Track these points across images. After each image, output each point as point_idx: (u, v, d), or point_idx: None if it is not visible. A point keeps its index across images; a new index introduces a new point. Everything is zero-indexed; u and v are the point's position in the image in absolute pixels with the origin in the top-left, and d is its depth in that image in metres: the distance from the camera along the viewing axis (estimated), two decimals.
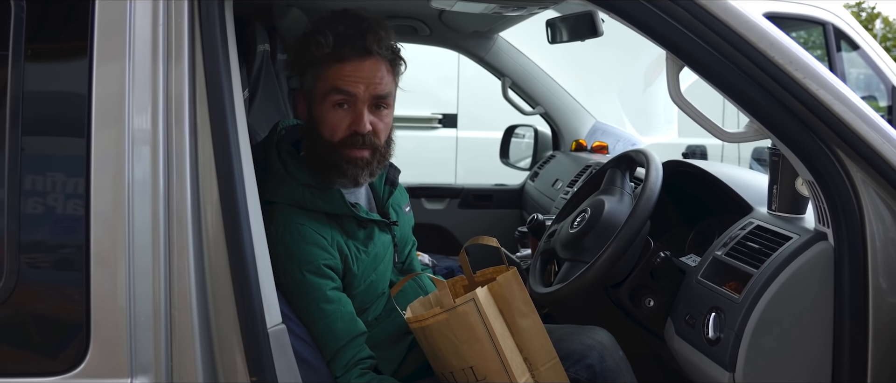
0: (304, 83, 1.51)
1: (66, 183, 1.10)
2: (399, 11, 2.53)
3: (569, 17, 2.34)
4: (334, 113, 1.45)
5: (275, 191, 1.46)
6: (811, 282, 1.25)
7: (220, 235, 1.12)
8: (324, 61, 1.45)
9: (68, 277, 1.12)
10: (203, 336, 1.12)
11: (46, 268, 1.13)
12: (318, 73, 1.47)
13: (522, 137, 3.37)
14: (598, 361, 1.56)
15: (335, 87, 1.44)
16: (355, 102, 1.45)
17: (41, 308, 1.14)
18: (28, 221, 1.10)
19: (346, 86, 1.44)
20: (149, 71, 1.10)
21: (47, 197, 1.10)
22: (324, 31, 1.45)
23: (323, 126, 1.47)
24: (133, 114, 1.09)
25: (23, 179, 1.09)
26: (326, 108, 1.46)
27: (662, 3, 1.16)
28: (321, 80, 1.46)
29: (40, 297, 1.14)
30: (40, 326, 1.14)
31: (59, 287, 1.14)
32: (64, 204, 1.10)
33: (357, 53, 1.44)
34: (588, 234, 1.61)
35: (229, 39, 1.16)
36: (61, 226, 1.11)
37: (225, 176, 1.12)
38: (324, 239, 1.45)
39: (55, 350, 1.13)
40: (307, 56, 1.47)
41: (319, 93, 1.47)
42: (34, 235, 1.11)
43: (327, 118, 1.46)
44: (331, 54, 1.44)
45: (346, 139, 1.46)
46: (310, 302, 1.43)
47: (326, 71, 1.46)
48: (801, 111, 1.18)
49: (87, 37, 1.09)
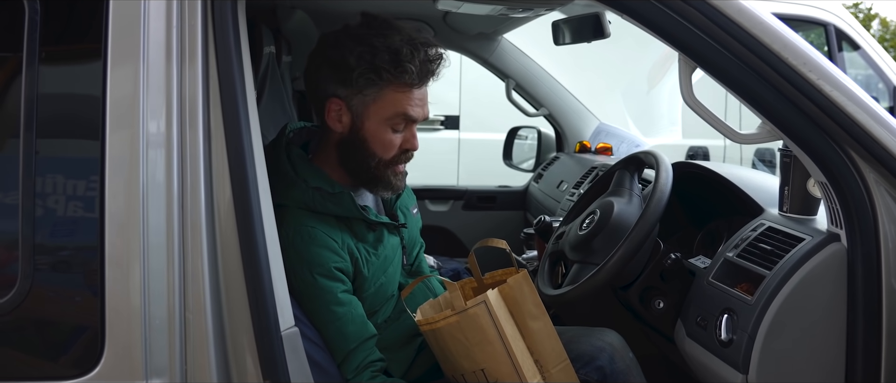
0: (353, 95, 1.45)
1: (81, 185, 1.10)
2: (404, 13, 2.53)
3: (574, 19, 2.34)
4: (393, 134, 1.48)
5: (285, 195, 1.45)
6: (825, 284, 1.25)
7: (233, 238, 1.12)
8: (391, 83, 1.43)
9: (83, 280, 1.12)
10: (217, 338, 1.12)
11: (61, 271, 1.13)
12: (382, 95, 1.44)
13: (526, 139, 3.37)
14: (608, 363, 1.56)
15: (405, 114, 1.46)
16: (412, 125, 1.50)
17: (56, 311, 1.14)
18: (42, 224, 1.09)
19: (415, 113, 1.47)
20: (163, 73, 1.10)
21: (61, 199, 1.10)
22: (412, 59, 1.42)
23: (375, 143, 1.47)
24: (147, 117, 1.09)
25: (37, 182, 1.09)
26: (384, 128, 1.46)
27: (675, 4, 1.16)
28: (385, 100, 1.44)
29: (55, 300, 1.14)
30: (55, 330, 1.14)
31: (73, 290, 1.14)
32: (78, 206, 1.10)
33: (425, 82, 1.48)
34: (597, 236, 1.61)
35: (242, 41, 1.16)
36: (76, 228, 1.12)
37: (238, 178, 1.12)
38: (334, 242, 1.44)
39: (70, 353, 1.13)
40: (378, 74, 1.42)
41: (379, 112, 1.45)
42: (48, 238, 1.11)
43: (384, 137, 1.47)
44: (411, 83, 1.44)
45: (397, 157, 1.50)
46: (321, 305, 1.42)
47: (394, 93, 1.44)
48: (814, 112, 1.18)
49: (101, 39, 1.09)
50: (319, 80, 1.48)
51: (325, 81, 1.47)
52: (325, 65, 1.47)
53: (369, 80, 1.42)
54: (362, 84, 1.43)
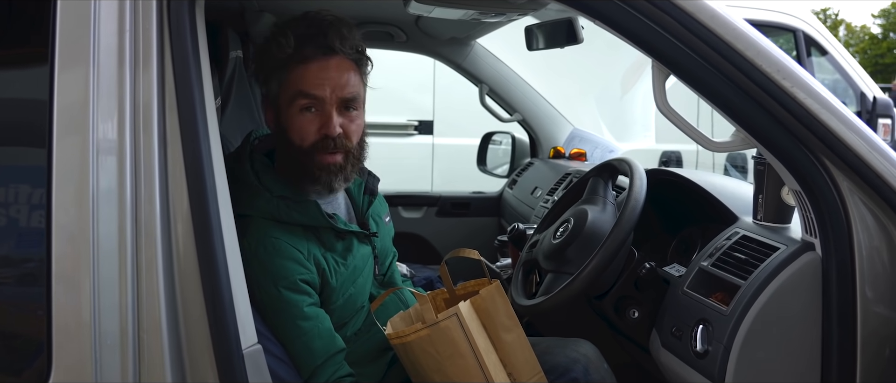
0: (269, 90, 1.45)
1: (27, 194, 1.04)
2: (375, 17, 2.49)
3: (547, 24, 2.32)
4: (302, 117, 1.40)
5: (248, 204, 1.40)
6: (799, 293, 1.23)
7: (191, 250, 1.07)
8: (287, 64, 1.40)
9: (29, 294, 1.06)
10: (174, 357, 1.06)
11: (6, 285, 1.07)
12: (283, 78, 1.41)
13: (500, 144, 3.35)
14: (582, 374, 1.54)
15: (301, 91, 1.39)
16: (323, 105, 1.40)
17: (1, 327, 1.08)
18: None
19: (312, 89, 1.39)
20: (115, 77, 1.05)
21: (7, 209, 1.04)
22: (285, 32, 1.39)
23: (292, 132, 1.42)
24: (98, 123, 1.04)
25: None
26: (293, 113, 1.41)
27: (648, 10, 1.14)
28: (286, 84, 1.41)
29: (0, 317, 1.07)
30: (0, 347, 1.07)
31: (19, 305, 1.09)
32: (24, 216, 1.04)
33: (321, 53, 1.39)
34: (571, 245, 1.58)
35: (201, 45, 1.11)
36: (21, 240, 1.06)
37: (196, 187, 1.07)
38: (300, 253, 1.40)
39: (16, 372, 1.07)
40: (270, 60, 1.42)
41: (285, 98, 1.41)
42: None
43: (295, 123, 1.41)
44: (293, 55, 1.39)
45: (316, 143, 1.41)
46: (286, 320, 1.37)
47: (290, 74, 1.40)
48: (788, 120, 1.17)
49: (48, 41, 1.03)
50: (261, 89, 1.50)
51: (261, 87, 1.49)
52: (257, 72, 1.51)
53: (271, 68, 1.43)
54: (267, 71, 1.44)
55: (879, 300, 1.22)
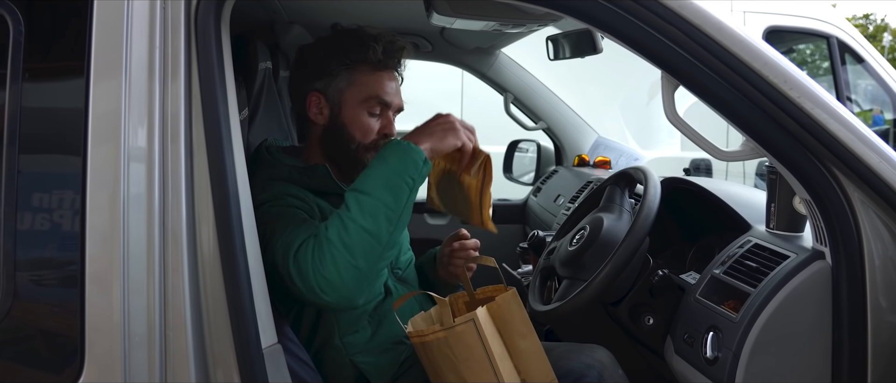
0: (328, 85, 1.57)
1: (63, 200, 1.11)
2: (402, 28, 2.54)
3: (569, 34, 2.35)
4: (370, 118, 1.58)
5: (264, 184, 1.50)
6: (809, 302, 1.24)
7: (215, 253, 1.12)
8: (365, 68, 1.56)
9: (64, 295, 1.12)
10: (198, 355, 1.12)
11: (43, 286, 1.14)
12: (355, 80, 1.56)
13: (526, 152, 3.37)
14: (596, 380, 1.56)
15: (377, 96, 1.57)
16: (388, 111, 1.60)
17: (37, 326, 1.15)
18: (24, 239, 1.10)
19: (388, 97, 1.58)
20: (145, 89, 1.11)
21: (43, 214, 1.11)
22: (376, 41, 1.55)
23: (354, 128, 1.57)
24: (129, 132, 1.10)
25: (19, 196, 1.10)
26: (361, 112, 1.57)
27: (656, 22, 1.16)
28: (358, 85, 1.57)
29: (36, 316, 1.14)
30: (36, 345, 1.14)
31: (55, 305, 1.15)
32: (60, 221, 1.11)
33: (394, 69, 1.61)
34: (587, 252, 1.60)
35: (225, 59, 1.17)
36: (57, 243, 1.12)
37: (220, 194, 1.13)
38: (306, 203, 1.49)
39: (50, 369, 1.13)
40: (347, 58, 1.55)
41: (354, 97, 1.57)
42: (30, 253, 1.11)
43: (362, 121, 1.57)
44: (377, 63, 1.56)
45: (376, 141, 1.58)
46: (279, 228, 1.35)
47: (365, 78, 1.56)
48: (796, 130, 1.17)
49: (84, 55, 1.10)
50: (299, 82, 1.61)
51: (303, 81, 1.60)
52: (302, 67, 1.62)
53: (341, 63, 1.55)
54: (335, 70, 1.56)
55: (893, 309, 1.22)
